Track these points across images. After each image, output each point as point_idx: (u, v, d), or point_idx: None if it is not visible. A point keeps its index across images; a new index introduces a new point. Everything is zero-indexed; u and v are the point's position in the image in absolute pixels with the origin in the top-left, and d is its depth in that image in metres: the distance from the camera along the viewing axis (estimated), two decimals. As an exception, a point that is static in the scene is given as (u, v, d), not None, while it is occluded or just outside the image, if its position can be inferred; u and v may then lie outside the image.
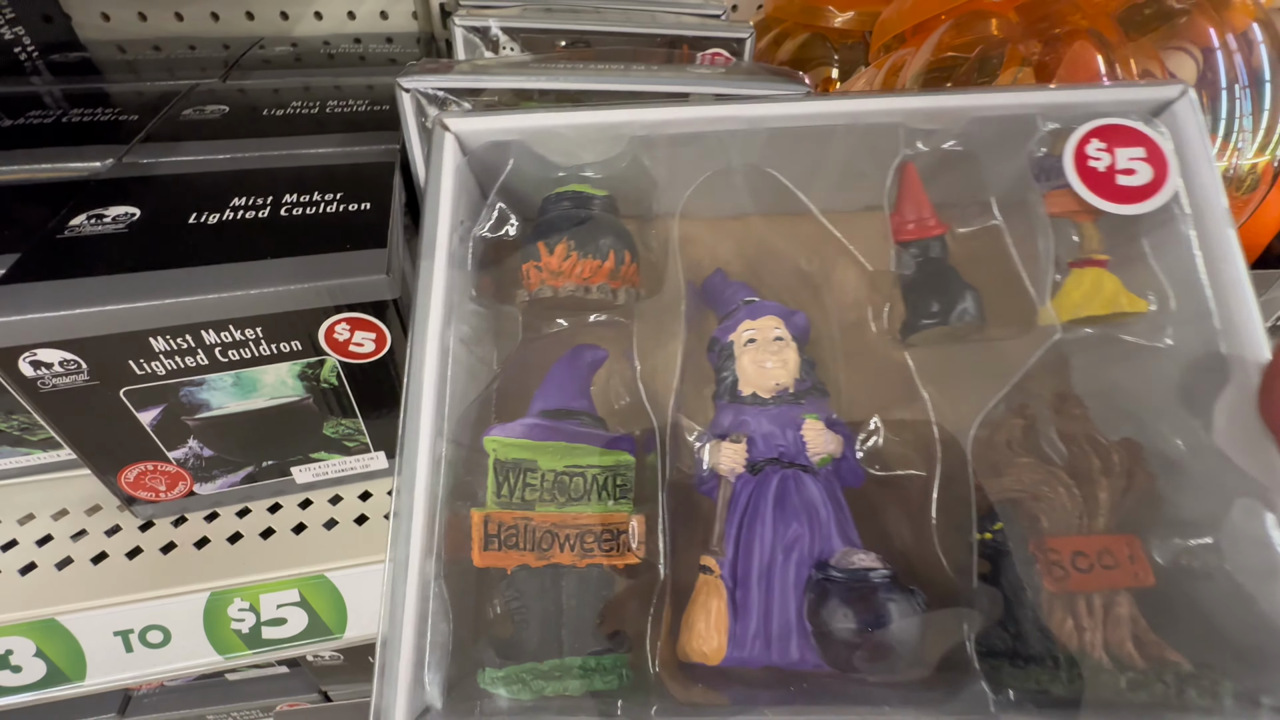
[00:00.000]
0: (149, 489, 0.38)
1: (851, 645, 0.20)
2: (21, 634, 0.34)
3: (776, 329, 0.28)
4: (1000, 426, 0.25)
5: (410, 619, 0.21)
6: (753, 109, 0.28)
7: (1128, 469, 0.23)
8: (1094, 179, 0.25)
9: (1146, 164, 0.25)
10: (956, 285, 0.28)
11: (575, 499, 0.23)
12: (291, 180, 0.40)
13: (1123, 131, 0.26)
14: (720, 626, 0.21)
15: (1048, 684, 0.20)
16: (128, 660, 0.36)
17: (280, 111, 0.50)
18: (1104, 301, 0.26)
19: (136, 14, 0.68)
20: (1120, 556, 0.21)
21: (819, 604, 0.21)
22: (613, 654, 0.21)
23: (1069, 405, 0.26)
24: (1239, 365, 0.23)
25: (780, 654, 0.21)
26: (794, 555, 0.22)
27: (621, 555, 0.22)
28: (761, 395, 0.26)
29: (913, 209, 0.29)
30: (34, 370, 0.31)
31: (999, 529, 0.22)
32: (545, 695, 0.20)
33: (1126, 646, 0.20)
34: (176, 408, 0.34)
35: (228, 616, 0.36)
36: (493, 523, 0.22)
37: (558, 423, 0.24)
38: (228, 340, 0.33)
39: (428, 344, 0.25)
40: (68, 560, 0.37)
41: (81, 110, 0.49)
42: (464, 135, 0.28)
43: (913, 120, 0.27)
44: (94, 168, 0.42)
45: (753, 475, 0.25)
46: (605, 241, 0.29)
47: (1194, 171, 0.26)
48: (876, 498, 0.27)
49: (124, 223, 0.36)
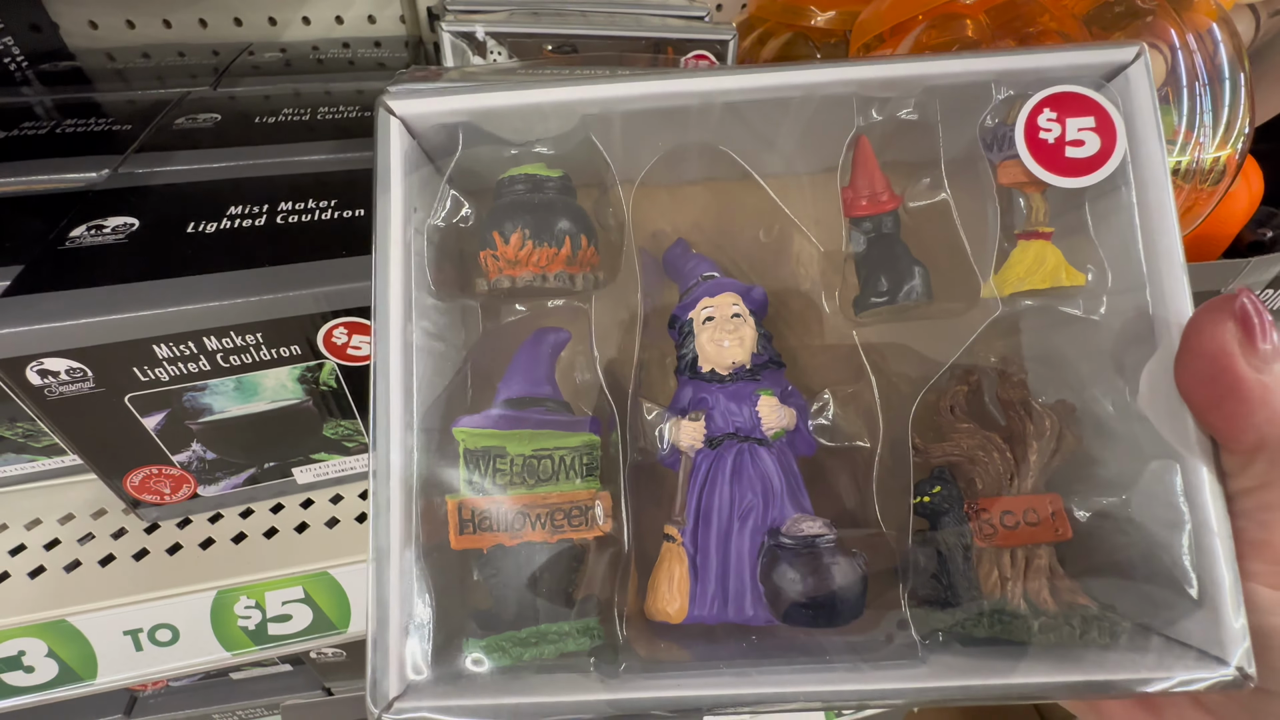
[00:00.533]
0: (154, 492, 0.39)
1: (798, 604, 0.22)
2: (33, 635, 0.35)
3: (734, 305, 0.28)
4: (945, 393, 0.27)
5: (395, 600, 0.22)
6: (707, 81, 0.27)
7: (1058, 432, 0.25)
8: (1043, 151, 0.25)
9: (1095, 134, 0.25)
10: (905, 263, 0.28)
11: (544, 480, 0.24)
12: (287, 188, 0.41)
13: (1073, 100, 0.25)
14: (682, 590, 0.24)
15: (972, 628, 0.23)
16: (138, 659, 0.37)
17: (272, 119, 0.51)
18: (1044, 275, 0.26)
19: (124, 21, 0.68)
20: (1043, 514, 0.24)
21: (770, 568, 0.23)
22: (584, 619, 0.23)
23: (1010, 372, 0.27)
24: (1165, 334, 0.24)
25: (736, 612, 0.24)
26: (749, 523, 0.25)
27: (590, 529, 0.24)
28: (719, 372, 0.27)
29: (865, 184, 0.29)
30: (41, 379, 0.32)
31: (937, 492, 0.25)
32: (524, 660, 0.23)
33: (1043, 594, 0.22)
34: (180, 412, 0.35)
35: (234, 614, 0.38)
36: (466, 509, 0.24)
37: (522, 412, 0.25)
38: (229, 346, 0.34)
39: (390, 341, 0.25)
40: (76, 563, 0.38)
41: (74, 121, 0.50)
42: (410, 118, 0.27)
43: (867, 89, 0.27)
44: (90, 179, 0.43)
45: (711, 449, 0.26)
46: (561, 227, 0.28)
47: (1140, 140, 0.25)
48: (828, 464, 0.29)
49: (124, 233, 0.36)
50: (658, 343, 0.32)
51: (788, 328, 0.33)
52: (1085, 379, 0.27)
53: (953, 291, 0.28)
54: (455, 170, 0.28)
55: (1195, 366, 0.22)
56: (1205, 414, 0.22)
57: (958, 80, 0.27)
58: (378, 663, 0.22)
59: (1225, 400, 0.21)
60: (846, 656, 0.22)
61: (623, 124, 0.28)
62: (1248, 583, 0.21)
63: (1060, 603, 0.23)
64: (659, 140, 0.30)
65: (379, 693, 0.22)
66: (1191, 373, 0.22)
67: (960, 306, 0.28)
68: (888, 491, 0.27)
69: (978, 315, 0.27)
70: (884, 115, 0.28)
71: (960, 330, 0.27)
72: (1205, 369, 0.21)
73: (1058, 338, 0.28)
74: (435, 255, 0.28)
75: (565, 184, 0.31)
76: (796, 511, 0.25)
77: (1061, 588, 0.23)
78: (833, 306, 0.30)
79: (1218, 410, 0.21)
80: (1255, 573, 0.22)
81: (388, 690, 0.22)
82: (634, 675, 0.22)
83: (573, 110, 0.27)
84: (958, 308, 0.28)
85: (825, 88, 0.27)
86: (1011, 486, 0.24)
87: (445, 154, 0.28)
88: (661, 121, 0.28)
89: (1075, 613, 0.23)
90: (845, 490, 0.29)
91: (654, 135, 0.29)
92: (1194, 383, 0.22)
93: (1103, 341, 0.27)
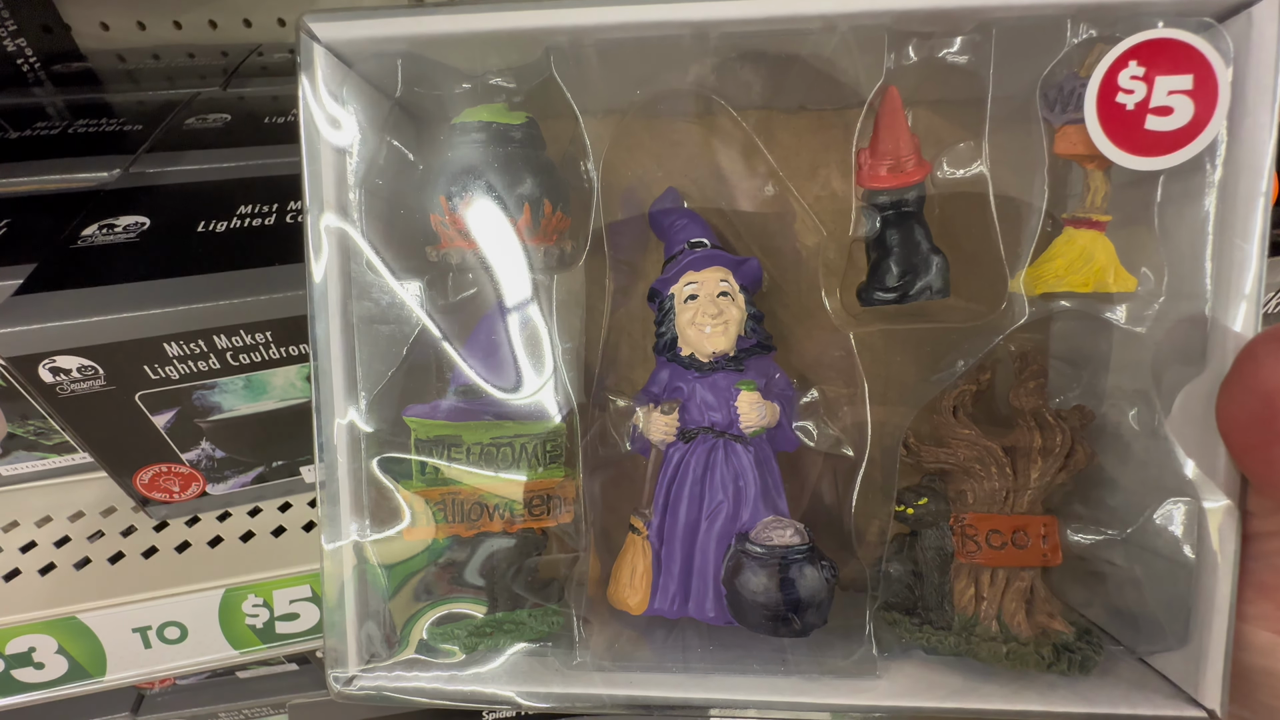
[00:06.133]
0: (163, 490, 0.39)
1: (760, 613, 0.22)
2: (43, 632, 0.35)
3: (723, 282, 0.25)
4: (950, 390, 0.24)
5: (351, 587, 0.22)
6: (702, 8, 0.21)
7: (1068, 449, 0.22)
8: (1117, 119, 0.20)
9: (1189, 99, 0.19)
10: (923, 252, 0.23)
11: (504, 468, 0.23)
12: (294, 187, 0.41)
13: (1172, 50, 0.19)
14: (643, 584, 0.24)
15: (937, 643, 0.22)
16: (146, 656, 0.37)
17: (281, 119, 0.51)
18: (1087, 277, 0.22)
19: (135, 23, 0.69)
20: (1034, 536, 0.22)
21: (734, 573, 0.23)
22: (542, 606, 0.23)
23: (1027, 376, 0.23)
24: (1218, 355, 0.20)
25: (696, 609, 0.24)
26: (716, 524, 0.24)
27: (553, 518, 0.23)
28: (699, 359, 0.25)
29: (890, 148, 0.23)
30: (53, 376, 0.32)
31: (923, 504, 0.23)
32: (479, 649, 0.22)
33: (1018, 617, 0.21)
34: (189, 411, 0.35)
35: (242, 612, 0.38)
36: (418, 500, 0.23)
37: (476, 403, 0.23)
38: (238, 344, 0.34)
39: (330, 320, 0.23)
40: (85, 560, 0.38)
41: (86, 121, 0.50)
42: (339, 45, 0.21)
43: (905, 22, 0.21)
44: (101, 178, 0.43)
45: (685, 442, 0.25)
46: (521, 192, 0.24)
47: (1248, 108, 0.20)
48: (810, 462, 0.27)
49: (135, 232, 0.37)
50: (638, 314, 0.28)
51: (782, 306, 0.29)
52: (1113, 389, 0.24)
53: (975, 288, 0.24)
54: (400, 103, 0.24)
55: (1243, 401, 0.19)
56: (1245, 454, 0.20)
57: (1026, 12, 0.20)
58: (334, 643, 0.22)
59: (1273, 445, 0.18)
60: (805, 665, 0.22)
61: (599, 59, 0.23)
62: (1246, 624, 0.20)
63: (1034, 625, 0.22)
64: (641, 80, 0.25)
65: (339, 670, 0.22)
66: (1237, 406, 0.19)
67: (982, 309, 0.24)
68: (874, 488, 0.24)
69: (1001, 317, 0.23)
70: (922, 56, 0.22)
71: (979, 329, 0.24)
72: (1254, 406, 0.18)
73: (1090, 340, 0.25)
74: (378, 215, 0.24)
75: (530, 132, 0.25)
76: (769, 514, 0.24)
77: (1039, 610, 0.22)
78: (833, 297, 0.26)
79: (1261, 453, 0.19)
80: (1257, 616, 0.20)
81: (348, 666, 0.22)
82: (587, 671, 0.22)
83: (535, 40, 0.22)
84: (978, 309, 0.24)
85: (853, 19, 0.21)
86: (1006, 504, 0.22)
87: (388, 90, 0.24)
88: (644, 56, 0.23)
89: (1048, 640, 0.22)
90: (825, 491, 0.27)
91: (635, 72, 0.24)
92: (1238, 418, 0.19)
93: (1142, 352, 0.23)
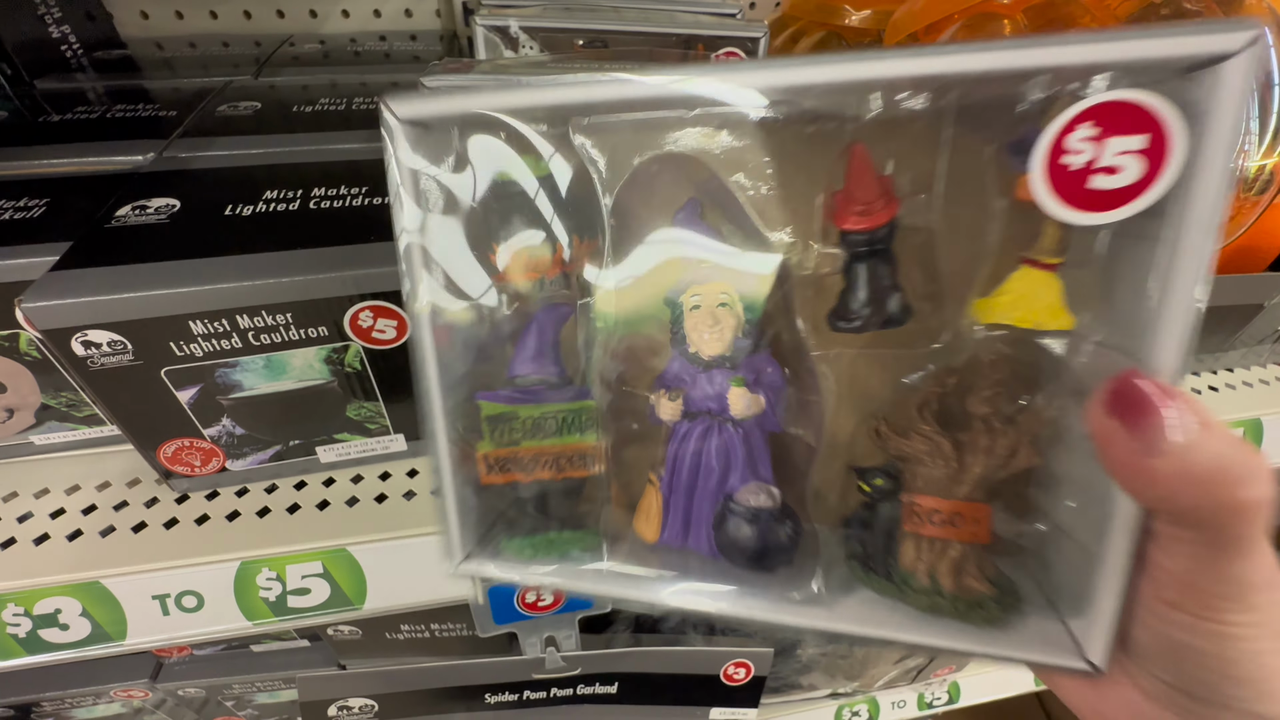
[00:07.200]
0: (185, 464, 0.40)
1: (738, 553, 0.29)
2: (69, 594, 0.37)
3: (723, 294, 0.29)
4: (919, 390, 0.29)
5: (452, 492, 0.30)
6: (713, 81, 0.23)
7: (1010, 452, 0.27)
8: (1061, 177, 0.22)
9: (1140, 158, 0.20)
10: (886, 285, 0.27)
11: (549, 435, 0.31)
12: (320, 175, 0.42)
13: (1127, 112, 0.20)
14: (656, 522, 0.31)
15: (879, 589, 0.28)
16: (164, 623, 0.39)
17: (309, 108, 0.52)
18: (1028, 314, 0.25)
19: (174, 12, 0.71)
20: (968, 519, 0.27)
21: (720, 522, 0.30)
22: (583, 529, 0.32)
23: (985, 385, 0.27)
24: None
25: (694, 544, 0.31)
26: (710, 483, 0.30)
27: (585, 470, 0.31)
28: (701, 357, 0.30)
29: (859, 195, 0.26)
30: (85, 350, 0.33)
31: (878, 484, 0.29)
32: (539, 558, 0.31)
33: (946, 578, 0.27)
34: (212, 388, 0.37)
35: (256, 585, 0.39)
36: (490, 458, 0.31)
37: (526, 392, 0.31)
38: (260, 325, 0.35)
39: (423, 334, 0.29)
40: (110, 528, 0.39)
41: (124, 106, 0.52)
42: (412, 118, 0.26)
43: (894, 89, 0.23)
44: (136, 161, 0.44)
45: (688, 422, 0.31)
46: (555, 230, 0.29)
47: (1206, 161, 0.20)
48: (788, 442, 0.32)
49: (165, 214, 0.38)
50: None
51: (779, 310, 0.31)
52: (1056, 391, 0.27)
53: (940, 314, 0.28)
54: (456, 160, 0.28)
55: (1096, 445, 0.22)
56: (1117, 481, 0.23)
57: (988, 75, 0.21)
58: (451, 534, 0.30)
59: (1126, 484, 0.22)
60: (772, 591, 0.29)
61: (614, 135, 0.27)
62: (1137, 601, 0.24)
63: (960, 586, 0.27)
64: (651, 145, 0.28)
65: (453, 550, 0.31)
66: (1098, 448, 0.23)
67: (946, 335, 0.28)
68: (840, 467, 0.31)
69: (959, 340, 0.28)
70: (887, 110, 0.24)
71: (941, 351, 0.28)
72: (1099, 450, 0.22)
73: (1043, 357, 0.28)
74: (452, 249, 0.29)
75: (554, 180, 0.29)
76: (753, 480, 0.30)
77: (967, 574, 0.27)
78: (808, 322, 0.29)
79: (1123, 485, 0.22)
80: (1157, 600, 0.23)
81: (458, 550, 0.31)
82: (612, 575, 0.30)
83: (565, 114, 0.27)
84: (939, 333, 0.28)
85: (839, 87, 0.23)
86: (949, 491, 0.27)
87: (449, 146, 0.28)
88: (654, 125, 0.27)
89: (967, 597, 0.27)
90: (801, 460, 0.32)
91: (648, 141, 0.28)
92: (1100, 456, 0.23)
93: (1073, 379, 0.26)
